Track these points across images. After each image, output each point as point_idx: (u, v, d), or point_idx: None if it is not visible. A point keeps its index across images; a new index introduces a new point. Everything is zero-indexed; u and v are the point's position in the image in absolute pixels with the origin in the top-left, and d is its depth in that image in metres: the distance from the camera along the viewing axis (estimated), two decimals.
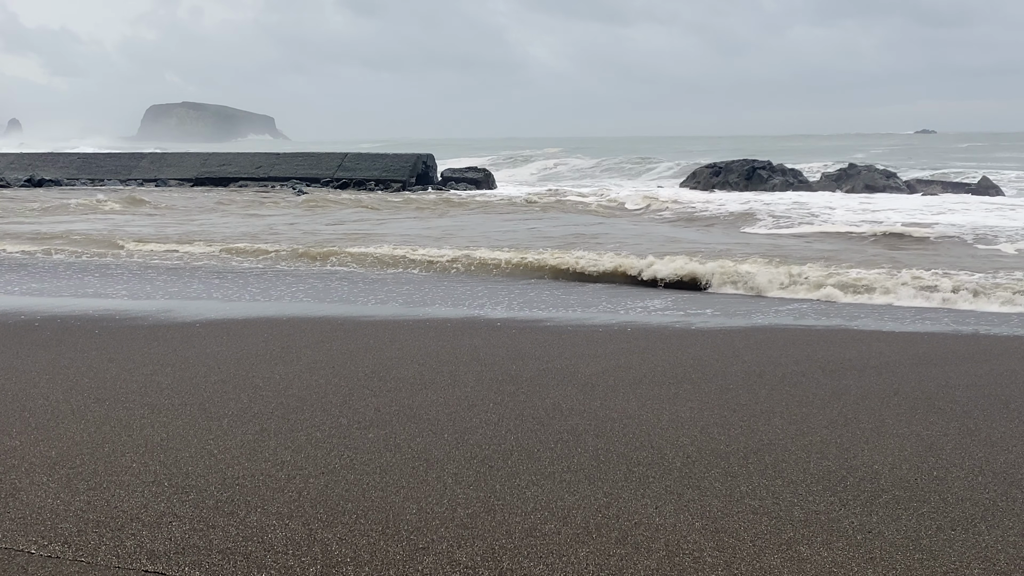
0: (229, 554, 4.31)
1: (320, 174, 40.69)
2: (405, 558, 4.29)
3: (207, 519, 4.69)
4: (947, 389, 7.22)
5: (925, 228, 20.70)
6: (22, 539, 4.46)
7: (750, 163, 37.58)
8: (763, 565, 4.23)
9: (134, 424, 6.26)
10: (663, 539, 4.49)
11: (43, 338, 9.11)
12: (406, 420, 6.37)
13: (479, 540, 4.47)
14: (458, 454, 5.68)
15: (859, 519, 4.73)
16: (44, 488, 5.08)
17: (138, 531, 4.54)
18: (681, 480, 5.26)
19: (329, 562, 4.25)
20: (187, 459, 5.56)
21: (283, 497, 4.97)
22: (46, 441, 5.89)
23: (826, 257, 16.26)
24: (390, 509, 4.82)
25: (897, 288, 12.54)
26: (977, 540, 4.50)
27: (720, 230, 22.82)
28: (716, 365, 8.00)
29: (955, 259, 16.30)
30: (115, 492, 5.03)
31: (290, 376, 7.58)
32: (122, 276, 14.13)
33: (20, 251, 17.33)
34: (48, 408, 6.63)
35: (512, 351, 8.53)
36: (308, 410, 6.60)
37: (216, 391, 7.11)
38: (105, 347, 8.71)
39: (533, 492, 5.06)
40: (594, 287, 13.67)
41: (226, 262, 16.11)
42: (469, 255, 16.04)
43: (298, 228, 22.55)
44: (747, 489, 5.12)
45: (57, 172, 41.89)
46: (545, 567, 4.21)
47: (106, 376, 7.58)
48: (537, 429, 6.18)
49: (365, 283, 13.65)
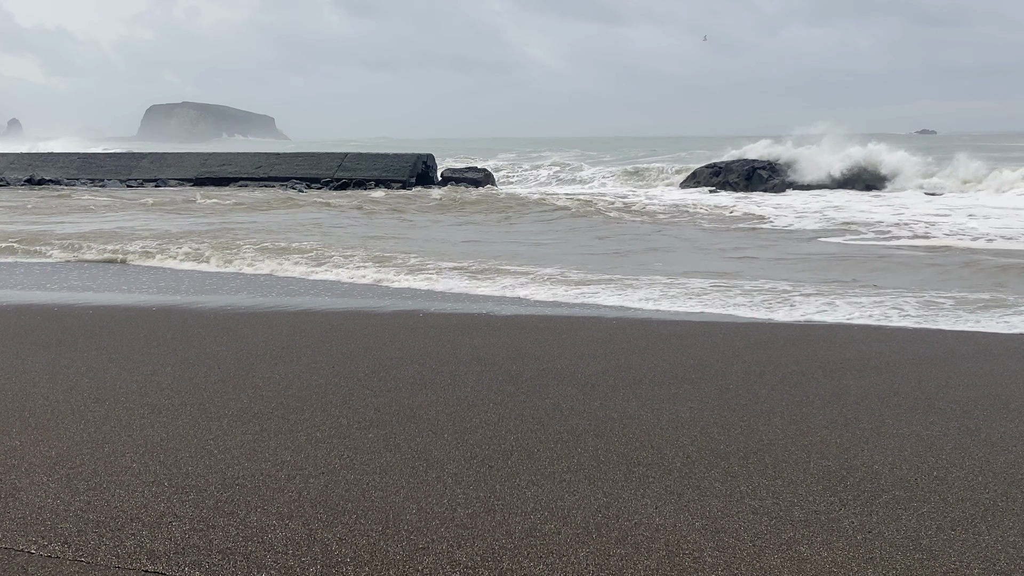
0: (229, 554, 4.31)
1: (320, 174, 40.68)
2: (405, 558, 4.29)
3: (207, 519, 4.69)
4: (947, 389, 7.22)
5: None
6: (22, 539, 4.46)
7: (750, 163, 37.58)
8: (763, 565, 4.23)
9: (134, 424, 6.26)
10: (663, 539, 4.49)
11: (43, 338, 9.11)
12: (406, 420, 6.37)
13: (479, 540, 4.47)
14: (458, 454, 5.68)
15: (859, 519, 4.73)
16: (44, 488, 5.08)
17: (138, 531, 4.54)
18: (681, 480, 5.26)
19: (329, 562, 4.25)
20: (187, 459, 5.56)
21: (283, 497, 4.98)
22: (46, 441, 5.89)
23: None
24: (390, 509, 4.82)
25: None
26: (977, 540, 4.50)
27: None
28: (716, 365, 8.00)
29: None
30: (115, 492, 5.03)
31: (290, 376, 7.58)
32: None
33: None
34: (48, 408, 6.63)
35: (512, 351, 8.53)
36: (308, 410, 6.60)
37: (216, 391, 7.11)
38: (105, 347, 8.71)
39: (533, 492, 5.06)
40: None
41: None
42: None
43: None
44: (747, 489, 5.12)
45: (57, 172, 41.88)
46: (545, 567, 4.21)
47: (106, 376, 7.58)
48: (537, 429, 6.18)
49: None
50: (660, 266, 15.17)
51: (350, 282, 13.35)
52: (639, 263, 15.63)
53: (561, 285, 12.69)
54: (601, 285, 12.65)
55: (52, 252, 16.68)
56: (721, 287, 12.39)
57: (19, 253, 16.82)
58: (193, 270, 14.84)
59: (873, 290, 12.26)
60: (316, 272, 14.29)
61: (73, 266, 15.36)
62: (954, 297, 11.58)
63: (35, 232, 19.78)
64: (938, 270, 14.85)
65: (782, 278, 13.46)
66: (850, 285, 12.78)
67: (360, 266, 14.72)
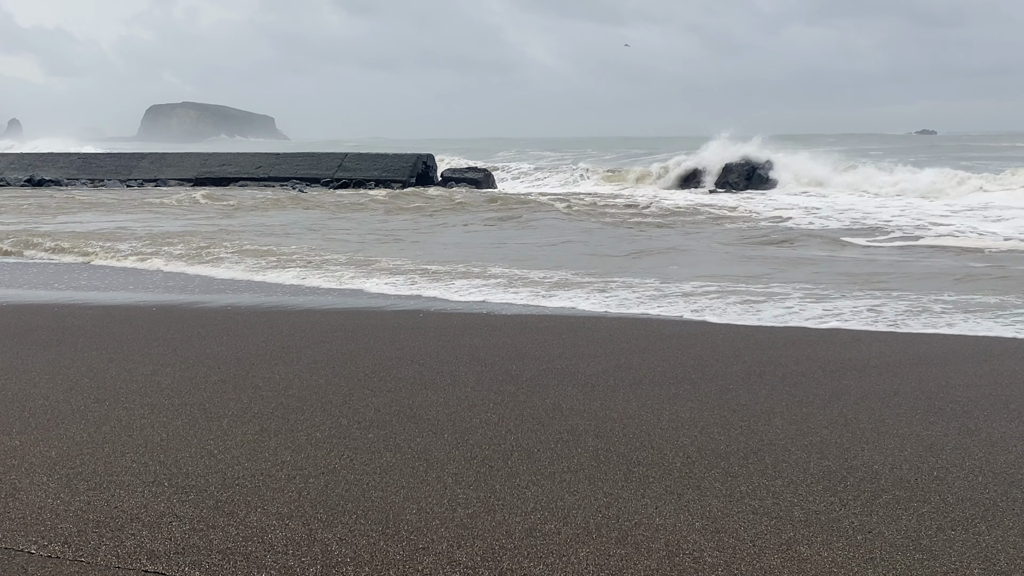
0: (229, 554, 4.31)
1: (320, 174, 40.68)
2: (405, 558, 4.29)
3: (207, 519, 4.69)
4: (947, 389, 7.22)
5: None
6: (22, 539, 4.45)
7: (750, 163, 37.59)
8: (763, 565, 4.23)
9: (134, 424, 6.26)
10: (663, 539, 4.49)
11: (43, 338, 9.11)
12: (406, 420, 6.37)
13: (479, 540, 4.47)
14: (458, 454, 5.68)
15: (859, 519, 4.73)
16: (44, 488, 5.08)
17: (138, 531, 4.54)
18: (681, 480, 5.26)
19: (329, 562, 4.25)
20: (187, 459, 5.56)
21: (283, 497, 4.97)
22: (46, 441, 5.89)
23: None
24: (390, 509, 4.82)
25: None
26: (977, 540, 4.49)
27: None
28: (716, 365, 8.00)
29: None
30: (115, 492, 5.03)
31: (290, 376, 7.58)
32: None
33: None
34: (48, 408, 6.63)
35: (512, 351, 8.53)
36: (308, 410, 6.60)
37: (216, 391, 7.11)
38: (105, 347, 8.71)
39: (533, 492, 5.06)
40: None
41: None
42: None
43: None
44: (747, 489, 5.12)
45: (57, 172, 41.88)
46: (545, 567, 4.21)
47: (106, 376, 7.58)
48: (537, 429, 6.18)
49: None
50: (675, 269, 15.18)
51: (394, 294, 12.96)
52: (661, 265, 15.62)
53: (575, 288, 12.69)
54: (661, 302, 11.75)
55: (63, 255, 16.68)
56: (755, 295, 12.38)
57: (19, 255, 16.82)
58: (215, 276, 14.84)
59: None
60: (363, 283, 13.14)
61: (81, 267, 15.36)
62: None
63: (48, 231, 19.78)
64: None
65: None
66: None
67: (403, 277, 13.56)
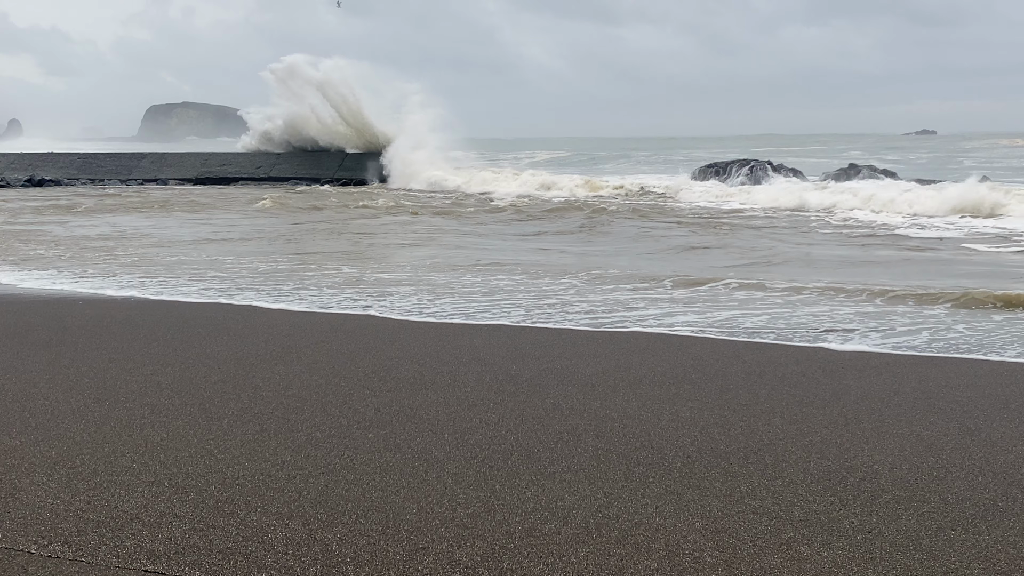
0: (229, 554, 4.31)
1: (320, 174, 40.71)
2: (405, 558, 4.29)
3: (207, 519, 4.69)
4: (947, 389, 7.22)
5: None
6: (22, 539, 4.46)
7: (750, 163, 37.61)
8: (763, 565, 4.23)
9: (134, 424, 6.26)
10: (663, 539, 4.49)
11: (43, 338, 9.11)
12: (406, 420, 6.37)
13: (479, 540, 4.47)
14: (458, 454, 5.67)
15: (859, 519, 4.73)
16: (44, 488, 5.08)
17: (138, 531, 4.54)
18: (681, 480, 5.26)
19: (329, 562, 4.25)
20: (187, 459, 5.56)
21: (283, 497, 4.97)
22: (46, 441, 5.89)
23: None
24: (390, 509, 4.82)
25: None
26: (977, 540, 4.49)
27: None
28: (716, 365, 8.00)
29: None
30: (115, 492, 5.03)
31: (290, 376, 7.58)
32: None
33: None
34: (48, 408, 6.63)
35: (512, 351, 8.53)
36: (308, 410, 6.60)
37: (216, 391, 7.11)
38: (105, 347, 8.71)
39: (533, 492, 5.06)
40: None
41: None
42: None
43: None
44: (747, 489, 5.12)
45: (57, 172, 41.89)
46: (545, 567, 4.21)
47: (106, 376, 7.58)
48: (537, 429, 6.18)
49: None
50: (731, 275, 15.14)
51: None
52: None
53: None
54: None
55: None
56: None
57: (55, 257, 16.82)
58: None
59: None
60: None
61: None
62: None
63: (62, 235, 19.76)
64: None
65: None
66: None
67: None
